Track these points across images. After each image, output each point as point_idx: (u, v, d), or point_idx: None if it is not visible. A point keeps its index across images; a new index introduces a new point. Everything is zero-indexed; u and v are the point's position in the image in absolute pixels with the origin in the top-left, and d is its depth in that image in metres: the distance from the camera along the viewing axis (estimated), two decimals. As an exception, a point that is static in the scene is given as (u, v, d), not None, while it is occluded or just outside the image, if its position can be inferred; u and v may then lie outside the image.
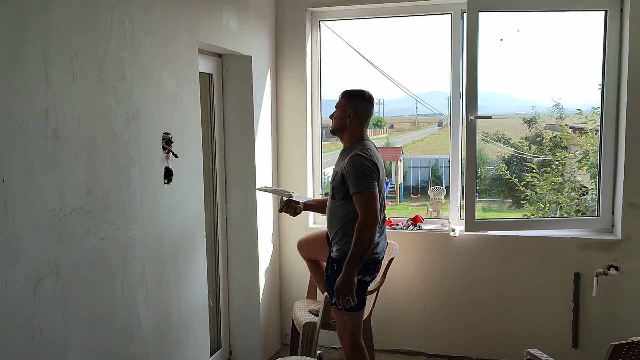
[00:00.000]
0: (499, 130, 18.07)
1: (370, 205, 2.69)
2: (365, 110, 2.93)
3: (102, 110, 2.18)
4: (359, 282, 2.80)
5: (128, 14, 2.33)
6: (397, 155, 25.31)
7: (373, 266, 2.91)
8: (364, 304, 2.96)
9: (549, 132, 14.80)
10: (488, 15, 3.73)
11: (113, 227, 2.26)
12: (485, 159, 19.65)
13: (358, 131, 2.92)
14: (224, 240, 3.74)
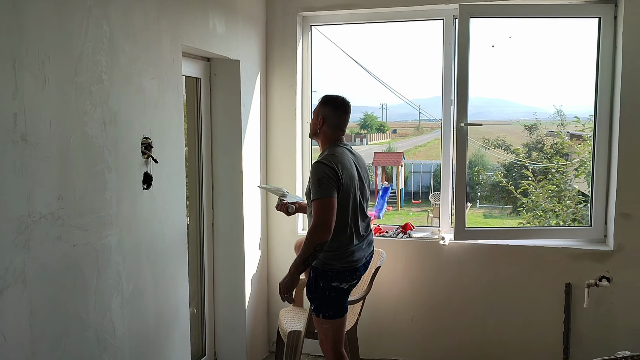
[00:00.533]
0: (499, 137, 18.02)
1: (322, 214, 2.66)
2: (336, 117, 2.91)
3: (76, 114, 2.13)
4: (335, 289, 2.82)
5: (106, 16, 2.29)
6: (398, 160, 25.26)
7: (349, 274, 2.87)
8: (343, 312, 2.92)
9: (550, 139, 14.74)
10: (481, 21, 3.69)
11: (86, 234, 2.21)
12: (486, 165, 19.61)
13: (331, 137, 2.91)
14: (210, 246, 3.69)
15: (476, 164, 20.72)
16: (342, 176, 2.74)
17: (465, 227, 3.71)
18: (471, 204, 18.84)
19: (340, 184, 2.72)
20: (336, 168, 2.73)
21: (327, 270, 2.83)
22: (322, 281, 2.84)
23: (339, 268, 2.82)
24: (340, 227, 2.77)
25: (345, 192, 2.76)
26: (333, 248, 2.78)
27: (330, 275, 2.83)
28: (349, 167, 2.82)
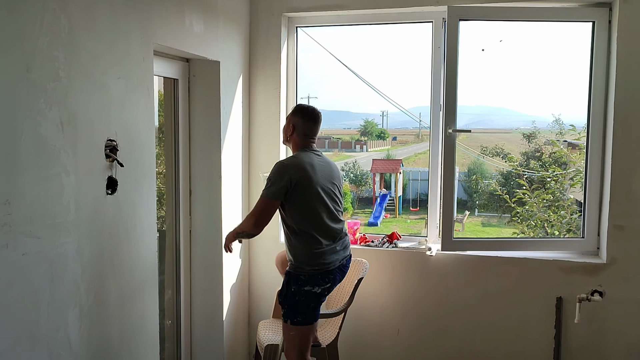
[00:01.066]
0: (498, 145, 17.90)
1: (255, 210, 2.89)
2: (305, 126, 3.03)
3: (27, 113, 1.99)
4: (307, 294, 2.84)
5: (64, 10, 2.15)
6: (396, 167, 25.15)
7: (322, 277, 2.87)
8: (313, 319, 2.91)
9: (548, 147, 14.61)
10: (472, 24, 3.56)
11: (38, 242, 2.06)
12: (484, 174, 19.49)
13: (300, 144, 3.03)
14: (187, 254, 3.54)
15: (475, 172, 20.61)
16: (297, 179, 2.82)
17: (453, 237, 3.56)
18: (469, 212, 18.73)
19: (292, 186, 2.81)
20: (291, 170, 2.84)
21: (299, 274, 2.86)
22: (294, 285, 2.86)
23: (310, 271, 2.85)
24: (304, 228, 2.86)
25: (302, 194, 2.84)
26: (301, 250, 2.87)
27: (302, 279, 2.85)
28: (310, 171, 2.88)
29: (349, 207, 22.39)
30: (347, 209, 22.05)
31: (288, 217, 2.90)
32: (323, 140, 42.30)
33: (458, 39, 3.46)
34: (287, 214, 2.91)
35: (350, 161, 26.21)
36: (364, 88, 45.64)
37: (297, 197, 2.83)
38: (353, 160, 26.67)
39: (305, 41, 3.83)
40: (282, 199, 2.83)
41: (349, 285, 3.38)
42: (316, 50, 4.29)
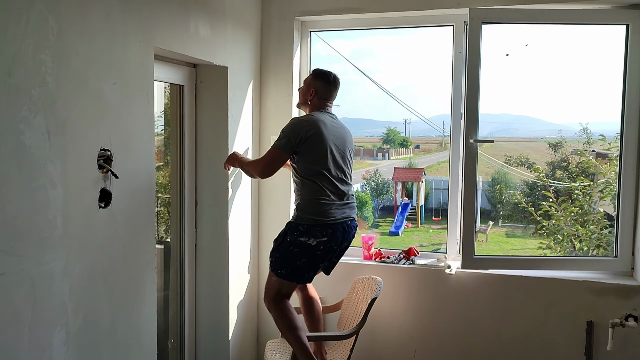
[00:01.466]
0: (522, 154, 17.50)
1: (265, 160, 2.97)
2: (326, 91, 3.10)
3: (8, 121, 1.84)
4: (300, 245, 2.86)
5: (53, 11, 2.00)
6: (418, 176, 24.80)
7: (320, 229, 2.87)
8: (297, 278, 2.94)
9: (575, 157, 14.19)
10: (495, 27, 3.34)
11: (19, 260, 1.91)
12: (508, 183, 19.06)
13: (318, 105, 3.09)
14: (192, 269, 3.37)
15: (499, 181, 20.18)
16: (310, 135, 2.88)
17: (474, 255, 3.33)
18: (493, 222, 18.33)
19: (304, 141, 2.87)
20: (304, 126, 2.91)
21: (299, 224, 2.90)
22: (290, 236, 2.90)
23: (310, 220, 2.88)
24: (313, 179, 2.91)
25: (313, 148, 2.89)
26: (306, 200, 2.92)
27: (300, 230, 2.88)
28: (323, 128, 2.93)
29: (370, 216, 22.12)
30: (367, 217, 21.78)
31: (299, 167, 2.96)
32: (345, 148, 41.94)
33: (480, 43, 3.25)
34: (297, 164, 2.97)
35: (372, 169, 25.93)
36: (386, 96, 45.19)
37: (308, 149, 2.90)
38: (374, 168, 26.38)
39: (325, 49, 3.67)
40: (291, 153, 2.91)
41: (362, 305, 3.18)
42: (337, 57, 4.15)
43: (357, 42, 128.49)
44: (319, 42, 3.88)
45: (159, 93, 3.36)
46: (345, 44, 24.10)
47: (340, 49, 4.04)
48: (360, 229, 17.77)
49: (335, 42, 4.00)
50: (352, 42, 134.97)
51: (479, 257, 3.34)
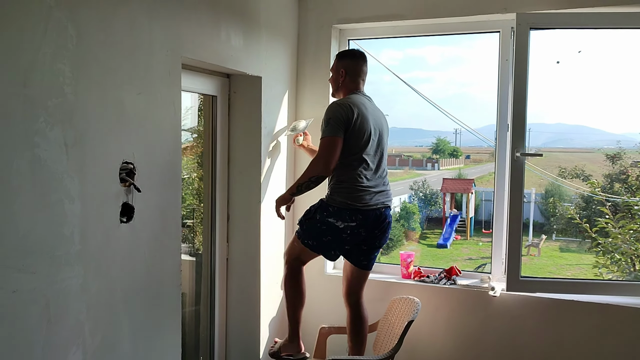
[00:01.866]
0: (578, 166, 16.79)
1: (324, 151, 2.75)
2: (356, 66, 2.96)
3: (22, 134, 1.78)
4: (328, 225, 2.80)
5: (73, 19, 1.94)
6: (468, 187, 24.22)
7: (349, 213, 2.78)
8: (321, 251, 2.87)
9: (635, 169, 13.45)
10: (545, 33, 3.13)
11: (32, 277, 1.84)
12: (563, 196, 18.33)
13: (351, 87, 2.95)
14: (223, 284, 3.28)
15: (552, 194, 19.45)
16: (355, 117, 2.75)
17: (521, 276, 3.09)
18: (546, 236, 17.67)
19: (350, 124, 2.75)
20: (348, 109, 2.76)
21: (329, 205, 2.82)
22: (320, 214, 2.83)
23: (340, 203, 2.79)
24: (348, 163, 2.79)
25: (357, 131, 2.77)
26: (340, 181, 2.82)
27: (330, 211, 2.81)
28: (364, 112, 2.82)
29: (417, 227, 21.73)
30: (415, 228, 21.40)
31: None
32: (394, 158, 41.64)
33: (528, 50, 3.03)
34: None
35: (420, 180, 25.52)
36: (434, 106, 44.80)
37: (352, 133, 2.77)
38: (422, 179, 25.94)
39: (370, 58, 3.50)
40: (344, 134, 2.75)
41: (398, 328, 2.99)
42: (383, 67, 4.02)
43: (408, 51, 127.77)
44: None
45: (193, 103, 3.31)
46: (394, 53, 23.45)
47: (391, 58, 3.88)
48: (409, 240, 17.33)
49: (385, 51, 3.85)
50: (401, 51, 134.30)
51: (526, 278, 3.10)
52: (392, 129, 3.08)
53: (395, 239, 19.42)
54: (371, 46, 3.67)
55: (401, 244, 19.85)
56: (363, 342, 3.04)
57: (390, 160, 41.60)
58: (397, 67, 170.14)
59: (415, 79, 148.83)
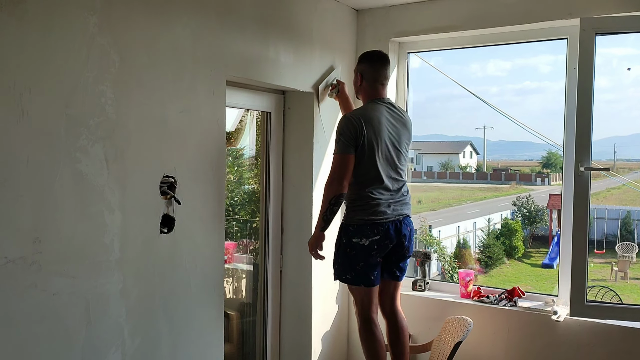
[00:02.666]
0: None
1: (336, 169, 2.71)
2: (373, 70, 2.86)
3: (65, 150, 1.96)
4: (355, 247, 2.73)
5: (116, 45, 2.11)
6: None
7: (370, 228, 2.73)
8: (362, 281, 2.77)
9: None
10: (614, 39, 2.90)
11: (73, 281, 2.00)
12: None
13: (370, 93, 2.87)
14: (277, 296, 3.34)
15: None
16: (365, 131, 2.69)
17: (586, 300, 2.87)
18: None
19: (360, 140, 2.69)
20: (357, 123, 2.70)
21: (349, 225, 2.78)
22: (345, 237, 2.79)
23: (359, 220, 2.75)
24: (360, 180, 2.75)
25: (368, 147, 2.71)
26: (353, 199, 2.78)
27: (351, 231, 2.76)
28: (377, 123, 2.75)
29: (520, 245, 20.71)
30: (517, 247, 20.43)
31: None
32: (499, 172, 40.03)
33: (594, 56, 2.84)
34: None
35: (523, 195, 24.31)
36: (547, 116, 41.15)
37: (361, 150, 2.72)
38: (527, 194, 24.69)
39: (481, 69, 3.43)
40: (355, 151, 2.70)
41: (449, 348, 2.89)
42: (492, 78, 3.88)
43: (517, 61, 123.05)
44: (476, 63, 3.68)
45: (251, 119, 3.43)
46: (502, 64, 22.47)
47: (498, 69, 3.80)
48: (510, 259, 16.49)
49: (493, 61, 3.76)
50: (510, 61, 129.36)
51: (592, 303, 2.87)
52: (499, 142, 2.95)
53: (495, 257, 18.65)
54: (475, 57, 3.59)
55: (501, 262, 19.01)
56: (404, 352, 2.95)
57: (496, 175, 39.83)
58: (505, 78, 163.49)
59: (525, 89, 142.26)
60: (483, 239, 19.66)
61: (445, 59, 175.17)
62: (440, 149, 43.13)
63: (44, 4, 1.87)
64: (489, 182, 35.80)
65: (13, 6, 1.77)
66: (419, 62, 3.82)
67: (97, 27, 2.03)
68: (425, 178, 36.41)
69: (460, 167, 41.12)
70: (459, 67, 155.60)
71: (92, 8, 2.02)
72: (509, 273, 18.52)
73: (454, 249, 17.01)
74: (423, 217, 14.13)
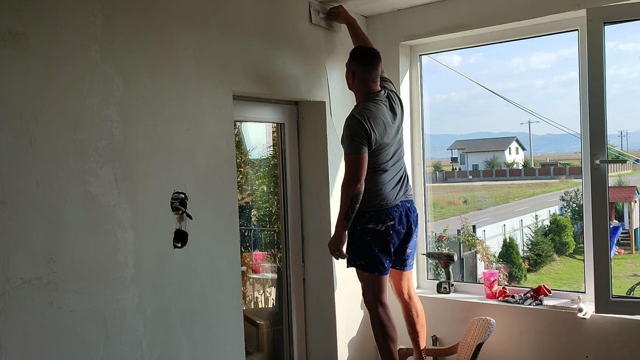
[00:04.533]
0: None
1: (353, 169, 2.75)
2: (364, 71, 2.88)
3: (74, 173, 2.05)
4: (371, 232, 2.82)
5: (119, 70, 2.20)
6: (630, 195, 21.88)
7: (385, 213, 2.84)
8: (376, 269, 2.84)
9: None
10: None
11: (89, 298, 2.09)
12: None
13: (363, 91, 2.91)
14: (301, 305, 3.38)
15: None
16: (374, 130, 2.76)
17: (612, 295, 2.79)
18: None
19: (373, 137, 2.75)
20: (367, 123, 2.74)
21: (364, 212, 2.83)
22: (359, 224, 2.84)
23: (374, 206, 2.83)
24: (374, 169, 2.82)
25: (378, 141, 2.78)
26: (367, 188, 2.80)
27: (366, 217, 2.84)
28: (382, 121, 2.81)
29: (571, 241, 20.08)
30: (568, 243, 19.80)
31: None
32: (548, 167, 38.91)
33: (603, 47, 2.78)
34: None
35: (572, 190, 23.56)
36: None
37: (373, 146, 2.78)
38: (575, 188, 23.92)
39: (523, 63, 3.38)
40: (367, 149, 2.75)
41: (468, 350, 2.86)
42: (537, 71, 3.83)
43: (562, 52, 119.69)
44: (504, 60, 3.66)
45: (267, 131, 3.50)
46: (547, 56, 21.35)
47: (543, 62, 3.76)
48: (560, 255, 16.00)
49: (537, 54, 3.69)
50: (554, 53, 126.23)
51: (618, 298, 2.79)
52: (547, 136, 2.96)
53: (544, 254, 18.13)
54: (517, 50, 3.55)
55: (552, 259, 18.47)
56: (420, 332, 3.05)
57: (544, 170, 38.82)
58: (550, 70, 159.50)
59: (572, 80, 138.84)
60: (531, 237, 19.16)
61: (486, 55, 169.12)
62: (484, 147, 42.27)
63: (45, 36, 1.97)
64: (538, 178, 34.85)
65: (15, 40, 1.89)
66: (459, 60, 3.82)
67: (99, 53, 2.13)
68: (470, 177, 35.77)
69: (507, 164, 40.23)
70: (501, 62, 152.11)
71: (94, 35, 2.12)
72: (560, 270, 17.99)
73: (500, 248, 16.64)
74: (464, 218, 13.91)
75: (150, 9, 2.34)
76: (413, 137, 3.66)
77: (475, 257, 12.90)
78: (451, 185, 28.95)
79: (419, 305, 3.08)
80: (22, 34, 1.91)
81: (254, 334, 3.51)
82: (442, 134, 50.31)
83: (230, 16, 2.70)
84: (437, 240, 9.80)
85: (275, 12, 2.96)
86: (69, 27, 2.05)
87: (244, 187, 3.56)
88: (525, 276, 16.05)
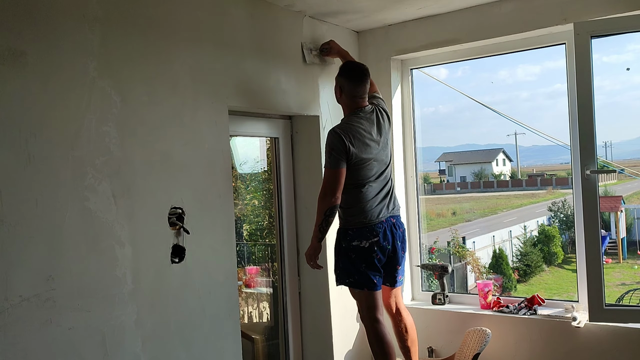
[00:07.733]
0: None
1: (329, 183, 2.76)
2: (351, 86, 2.88)
3: (72, 190, 2.06)
4: (355, 250, 2.81)
5: (116, 87, 2.22)
6: (615, 205, 22.15)
7: (368, 230, 2.82)
8: (365, 285, 2.81)
9: None
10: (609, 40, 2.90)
11: (88, 315, 2.09)
12: None
13: (350, 105, 2.91)
14: (297, 317, 3.38)
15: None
16: (353, 145, 2.76)
17: (605, 304, 2.83)
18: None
19: (351, 152, 2.75)
20: (346, 138, 2.75)
21: (347, 229, 2.86)
22: (344, 241, 2.86)
23: (357, 223, 2.83)
24: (352, 188, 2.82)
25: (358, 156, 2.78)
26: (350, 204, 2.84)
27: (350, 234, 2.84)
28: (362, 136, 2.80)
29: (559, 251, 20.25)
30: (557, 253, 19.97)
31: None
32: (535, 179, 39.27)
33: (591, 60, 2.83)
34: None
35: (559, 200, 23.80)
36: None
37: (352, 160, 2.78)
38: (562, 199, 24.17)
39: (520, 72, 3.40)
40: (345, 164, 2.76)
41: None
42: (523, 83, 3.86)
43: (546, 64, 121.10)
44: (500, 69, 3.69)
45: (257, 145, 3.52)
46: (531, 68, 22.12)
47: (527, 74, 3.78)
48: (550, 265, 16.11)
49: (522, 67, 3.74)
50: (539, 65, 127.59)
51: (612, 307, 2.83)
52: (533, 148, 2.98)
53: (533, 265, 18.26)
54: (504, 63, 3.59)
55: (541, 269, 18.60)
56: (411, 348, 3.01)
57: (532, 181, 39.01)
58: (535, 82, 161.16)
59: (557, 92, 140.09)
60: (520, 247, 19.29)
61: (473, 68, 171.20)
62: (472, 159, 42.60)
63: (44, 54, 1.99)
64: (525, 189, 35.12)
65: (14, 59, 1.90)
66: (446, 74, 3.86)
67: (97, 71, 2.15)
68: (458, 189, 35.99)
69: (494, 175, 40.54)
70: (488, 74, 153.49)
71: (91, 53, 2.14)
72: (550, 280, 18.12)
73: (490, 259, 16.74)
74: (454, 229, 13.98)
75: (147, 27, 2.37)
76: (405, 149, 3.70)
77: (465, 268, 12.98)
78: (439, 197, 29.10)
79: (408, 320, 3.04)
80: (21, 51, 1.93)
81: (249, 349, 3.50)
82: (429, 146, 50.50)
83: (226, 33, 2.74)
84: (427, 252, 9.85)
85: (269, 29, 3.00)
86: (68, 44, 2.07)
87: (235, 201, 3.57)
88: (515, 287, 16.14)
